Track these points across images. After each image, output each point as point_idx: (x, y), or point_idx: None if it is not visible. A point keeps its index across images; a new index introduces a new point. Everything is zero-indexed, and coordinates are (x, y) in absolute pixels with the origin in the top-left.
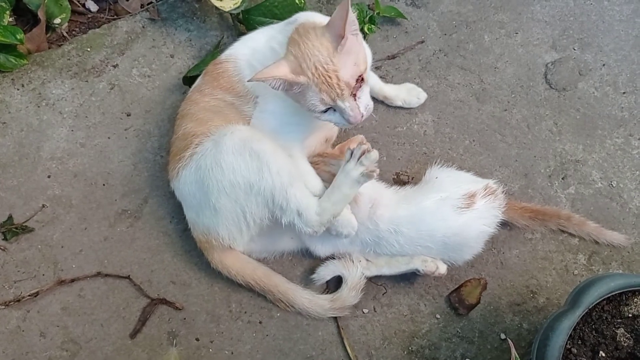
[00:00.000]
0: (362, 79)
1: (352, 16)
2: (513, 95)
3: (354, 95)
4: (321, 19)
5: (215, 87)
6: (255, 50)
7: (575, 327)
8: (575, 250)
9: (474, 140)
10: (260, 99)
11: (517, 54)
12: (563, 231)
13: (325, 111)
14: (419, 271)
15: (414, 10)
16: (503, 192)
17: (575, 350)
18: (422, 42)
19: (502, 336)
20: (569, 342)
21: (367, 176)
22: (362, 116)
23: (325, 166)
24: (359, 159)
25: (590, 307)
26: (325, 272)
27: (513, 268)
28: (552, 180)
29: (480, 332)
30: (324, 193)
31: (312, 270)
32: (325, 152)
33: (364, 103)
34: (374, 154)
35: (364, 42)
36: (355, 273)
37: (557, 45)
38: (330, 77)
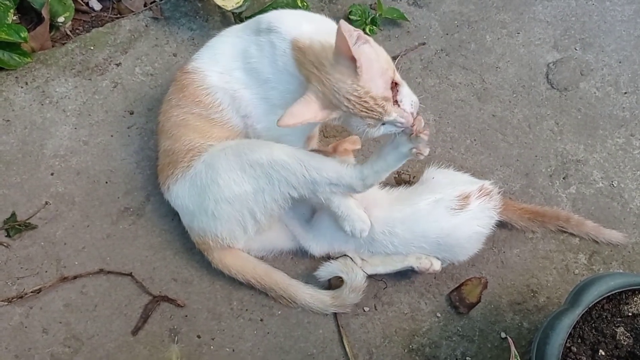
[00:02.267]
0: (396, 83)
1: (351, 30)
2: (514, 95)
3: (396, 102)
4: (296, 17)
5: (181, 98)
6: (225, 68)
7: (575, 325)
8: (575, 250)
9: (475, 140)
10: (255, 115)
11: (519, 53)
12: (563, 231)
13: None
14: (413, 268)
15: (415, 9)
16: (499, 192)
17: (575, 349)
18: (424, 44)
19: (503, 335)
20: (568, 340)
21: (416, 155)
22: (412, 115)
23: None
24: (410, 135)
25: (590, 306)
26: (325, 273)
27: (514, 267)
28: (553, 180)
29: (481, 331)
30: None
31: (314, 268)
32: (318, 150)
33: (409, 102)
34: (425, 137)
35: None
36: (354, 277)
37: (559, 45)
38: (366, 101)
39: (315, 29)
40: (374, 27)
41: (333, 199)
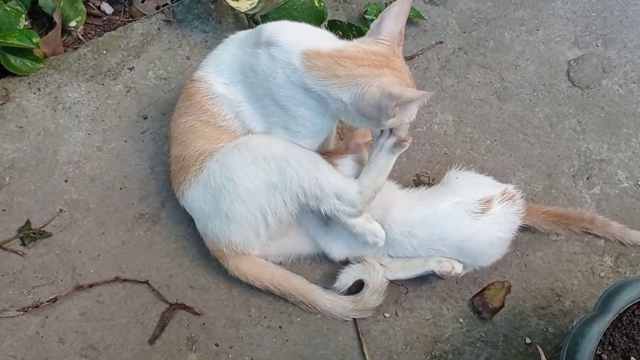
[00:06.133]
0: None
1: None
2: (535, 94)
3: None
4: (296, 28)
5: (188, 105)
6: (230, 79)
7: (605, 332)
8: (601, 252)
9: (495, 140)
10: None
11: (539, 51)
12: (588, 233)
13: None
14: (434, 272)
15: (432, 8)
16: (522, 197)
17: (606, 357)
18: (441, 42)
19: (528, 340)
20: (599, 347)
21: (401, 146)
22: None
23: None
24: (390, 130)
25: (620, 312)
26: (346, 279)
27: (537, 270)
28: (576, 180)
29: (505, 337)
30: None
31: (332, 274)
32: (328, 151)
33: None
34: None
35: None
36: (376, 278)
37: (580, 41)
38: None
39: (314, 38)
40: None
41: (339, 216)
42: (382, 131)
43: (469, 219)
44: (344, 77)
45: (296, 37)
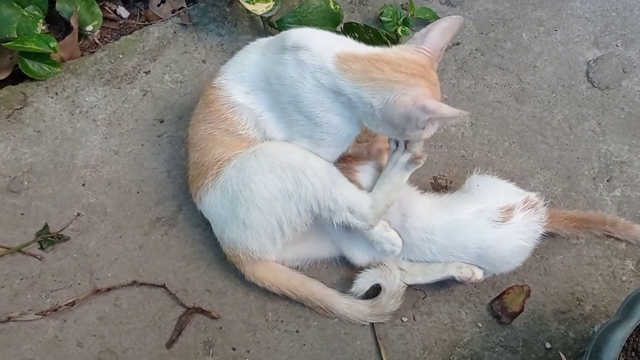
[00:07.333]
0: None
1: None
2: (554, 95)
3: None
4: (319, 35)
5: (207, 113)
6: (251, 88)
7: (628, 338)
8: (622, 256)
9: (513, 142)
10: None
11: (557, 52)
12: (609, 236)
13: None
14: (454, 278)
15: (448, 9)
16: (545, 205)
17: None
18: (458, 44)
19: (548, 345)
20: (622, 354)
21: (415, 163)
22: None
23: (351, 175)
24: (405, 146)
25: None
26: (363, 284)
27: (557, 274)
28: (596, 183)
29: (525, 341)
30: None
31: (349, 278)
32: (349, 156)
33: None
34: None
35: None
36: (393, 282)
37: (599, 42)
38: None
39: (346, 43)
40: (406, 27)
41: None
42: (397, 146)
43: (490, 227)
44: (379, 81)
45: (326, 42)
